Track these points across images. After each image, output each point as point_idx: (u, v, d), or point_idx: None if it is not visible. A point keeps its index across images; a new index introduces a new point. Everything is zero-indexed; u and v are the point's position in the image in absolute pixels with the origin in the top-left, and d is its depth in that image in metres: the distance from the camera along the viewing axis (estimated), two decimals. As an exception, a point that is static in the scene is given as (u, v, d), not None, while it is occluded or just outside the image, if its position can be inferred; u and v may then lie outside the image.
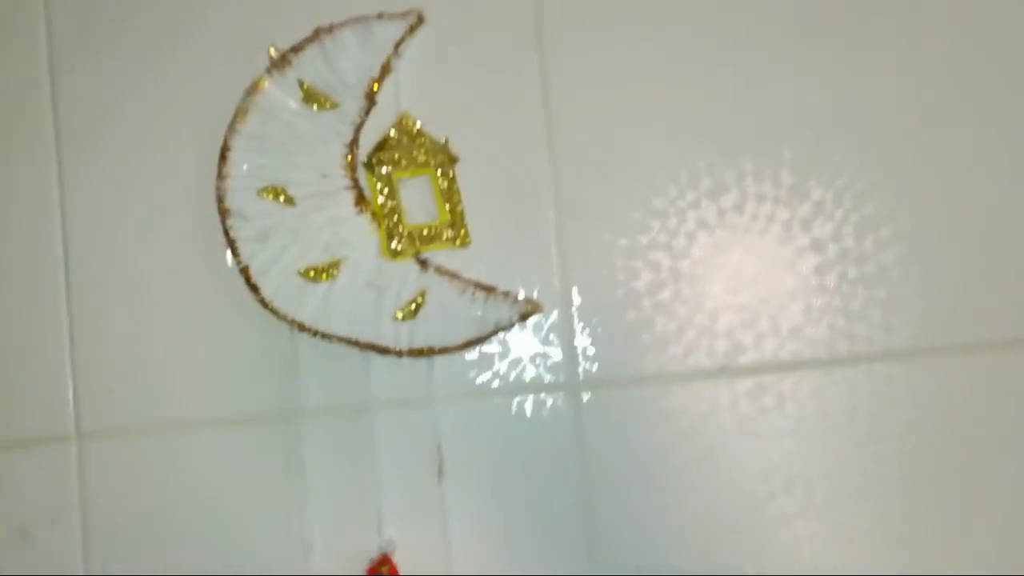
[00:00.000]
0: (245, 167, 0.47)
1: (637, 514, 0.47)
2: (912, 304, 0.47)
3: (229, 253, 0.47)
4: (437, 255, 0.48)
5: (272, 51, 0.47)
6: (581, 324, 0.48)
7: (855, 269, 0.48)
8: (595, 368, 0.48)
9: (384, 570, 0.45)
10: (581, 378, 0.48)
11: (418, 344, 0.47)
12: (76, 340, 0.48)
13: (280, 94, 0.47)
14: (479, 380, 0.48)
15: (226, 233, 0.47)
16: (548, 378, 0.48)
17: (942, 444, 0.47)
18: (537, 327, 0.48)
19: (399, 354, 0.47)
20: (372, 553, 0.46)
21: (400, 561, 0.47)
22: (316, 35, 0.47)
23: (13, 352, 0.48)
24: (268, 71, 0.47)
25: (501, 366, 0.48)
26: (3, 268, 0.49)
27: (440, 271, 0.47)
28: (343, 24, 0.48)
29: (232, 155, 0.47)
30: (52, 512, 0.48)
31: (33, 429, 0.48)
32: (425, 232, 0.48)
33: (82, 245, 0.49)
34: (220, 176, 0.47)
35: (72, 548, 0.47)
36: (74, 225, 0.49)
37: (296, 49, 0.47)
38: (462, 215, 0.48)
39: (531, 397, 0.48)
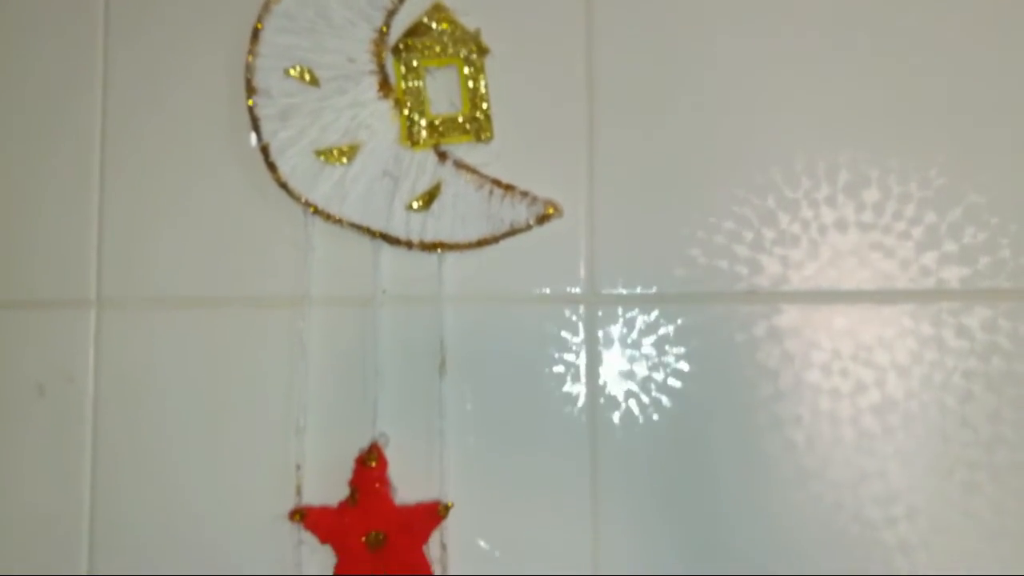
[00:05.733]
0: (275, 46, 0.47)
1: (643, 437, 0.45)
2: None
3: (253, 133, 0.47)
4: (457, 149, 0.46)
5: (311, -69, 0.47)
6: (605, 235, 0.46)
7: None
8: (613, 282, 0.46)
9: (372, 459, 0.44)
10: (598, 292, 0.46)
11: (429, 238, 0.46)
12: (104, 208, 0.49)
13: (315, -26, 0.46)
14: (489, 283, 0.46)
15: (250, 111, 0.47)
16: (563, 288, 0.46)
17: None
18: (556, 233, 0.46)
19: (409, 246, 0.46)
20: (364, 443, 0.45)
21: (391, 456, 0.45)
22: (356, -84, 0.46)
23: (43, 215, 0.50)
24: (305, -50, 0.47)
25: (514, 270, 0.46)
26: (44, 130, 0.50)
27: (458, 164, 0.46)
28: (385, -94, 0.46)
29: (263, 34, 0.47)
30: (68, 371, 0.49)
31: (56, 292, 0.49)
32: (447, 123, 0.46)
33: (120, 117, 0.50)
34: (250, 54, 0.47)
35: (84, 406, 0.49)
36: (114, 97, 0.50)
37: (334, -71, 0.46)
38: (487, 109, 0.46)
39: (543, 306, 0.46)
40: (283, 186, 0.46)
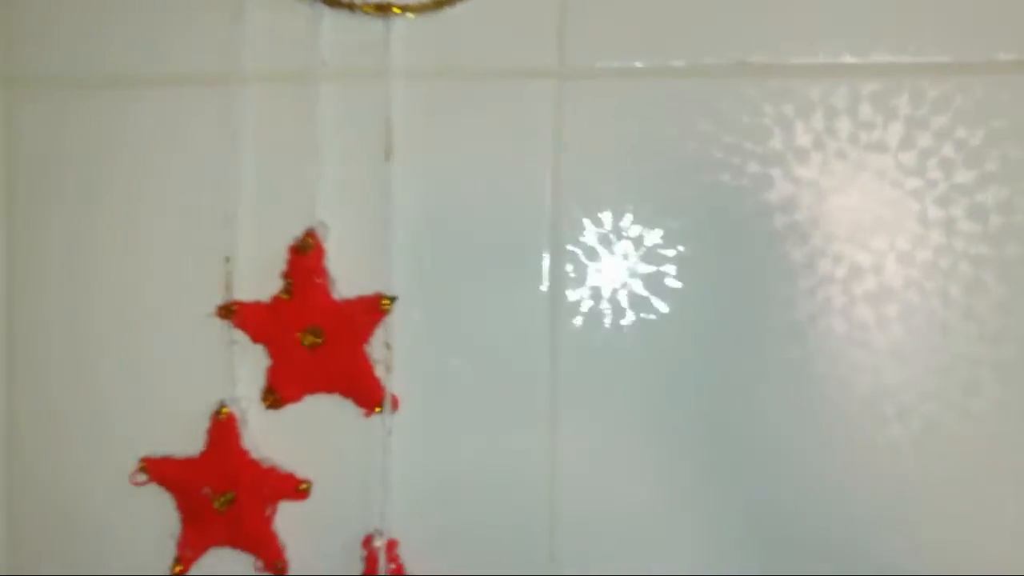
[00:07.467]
0: None
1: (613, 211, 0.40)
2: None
3: None
4: None
5: None
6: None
7: None
8: (588, 55, 0.40)
9: (308, 246, 0.40)
10: (571, 64, 0.40)
11: (374, -3, 0.40)
12: (8, -23, 0.44)
13: None
14: (444, 54, 0.41)
15: None
16: (529, 61, 0.40)
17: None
18: (521, -2, 0.40)
19: (351, 8, 0.40)
20: (300, 231, 0.40)
21: (331, 248, 0.41)
22: None
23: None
24: None
25: (473, 38, 0.41)
26: None
27: (407, -90, 0.40)
28: None
29: None
30: (-26, 160, 0.44)
31: (-43, 69, 0.44)
32: None
33: None
34: None
35: (-6, 195, 0.44)
36: None
37: None
38: None
39: (506, 83, 0.41)
40: (207, -61, 0.40)
